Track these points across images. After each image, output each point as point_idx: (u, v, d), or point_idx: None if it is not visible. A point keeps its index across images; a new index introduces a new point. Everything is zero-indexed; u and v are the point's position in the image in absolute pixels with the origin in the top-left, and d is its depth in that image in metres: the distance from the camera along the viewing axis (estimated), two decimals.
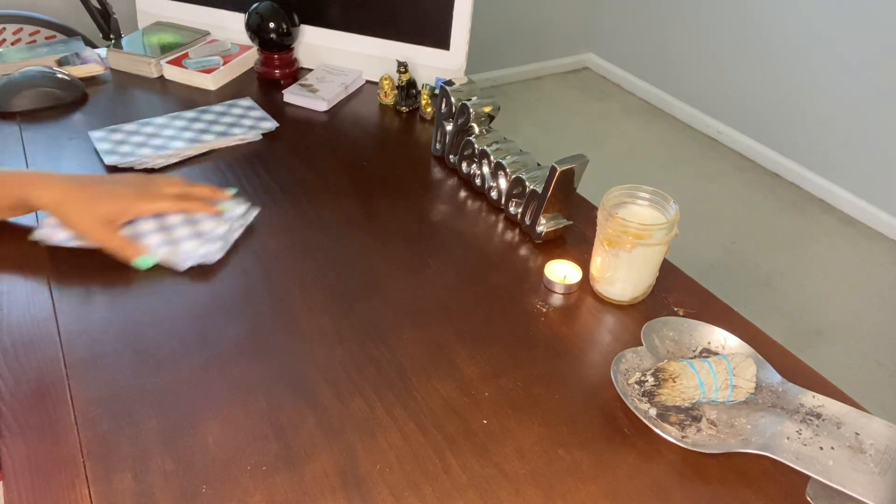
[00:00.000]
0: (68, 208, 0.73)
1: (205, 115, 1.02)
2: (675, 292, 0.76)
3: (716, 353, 0.67)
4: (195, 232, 0.77)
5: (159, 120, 1.00)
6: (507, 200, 0.85)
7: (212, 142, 0.95)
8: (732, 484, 0.57)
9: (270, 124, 1.01)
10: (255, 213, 0.83)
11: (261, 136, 0.99)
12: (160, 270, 0.74)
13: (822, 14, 2.28)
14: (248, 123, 1.00)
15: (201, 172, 0.91)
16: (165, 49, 1.16)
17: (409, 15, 1.10)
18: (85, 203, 0.73)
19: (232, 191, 0.84)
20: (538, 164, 0.85)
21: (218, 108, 1.04)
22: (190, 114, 1.02)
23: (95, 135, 0.95)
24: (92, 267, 0.74)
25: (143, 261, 0.74)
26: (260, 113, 1.03)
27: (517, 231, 0.85)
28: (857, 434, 0.59)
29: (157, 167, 0.90)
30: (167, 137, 0.96)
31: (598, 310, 0.74)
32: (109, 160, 0.90)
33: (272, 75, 1.14)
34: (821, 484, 0.56)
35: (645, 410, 0.61)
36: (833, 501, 0.55)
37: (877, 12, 2.13)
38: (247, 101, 1.06)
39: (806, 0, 2.31)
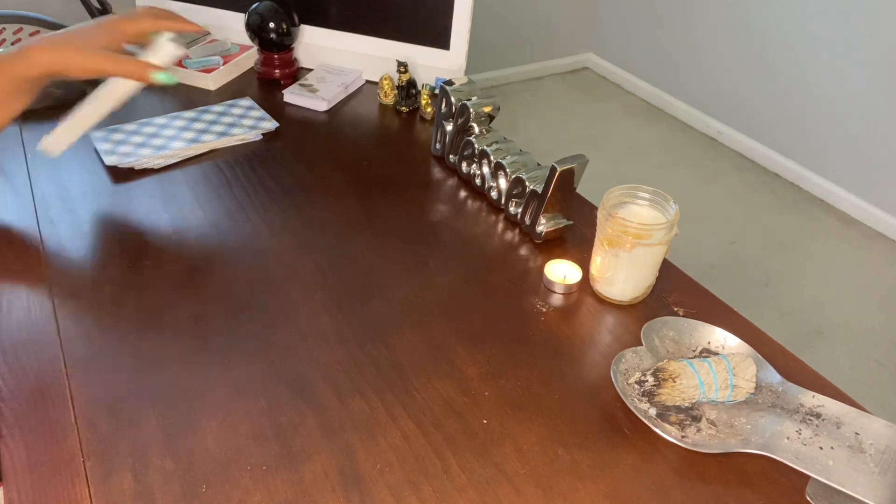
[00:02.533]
0: (68, 59, 0.72)
1: (205, 115, 1.02)
2: (675, 292, 0.76)
3: (716, 353, 0.67)
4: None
5: (159, 120, 1.00)
6: (507, 200, 0.85)
7: (212, 142, 0.95)
8: (732, 484, 0.57)
9: (270, 124, 1.01)
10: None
11: (261, 136, 0.99)
12: (161, 269, 0.74)
13: (821, 14, 2.28)
14: (248, 123, 1.00)
15: (201, 172, 0.91)
16: None
17: (409, 15, 1.10)
18: (78, 48, 0.73)
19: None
20: (538, 164, 0.85)
21: (218, 108, 1.04)
22: (190, 114, 1.02)
23: (95, 135, 0.95)
24: (93, 267, 0.74)
25: (165, 76, 0.75)
26: (260, 113, 1.03)
27: (517, 231, 0.85)
28: (856, 434, 0.59)
29: (156, 167, 0.90)
30: (167, 137, 0.96)
31: (598, 310, 0.74)
32: (109, 160, 0.90)
33: (272, 75, 1.14)
34: (820, 484, 0.56)
35: (645, 410, 0.61)
36: (833, 501, 0.55)
37: (876, 12, 2.13)
38: (247, 101, 1.06)
39: (806, 0, 2.31)
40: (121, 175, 0.89)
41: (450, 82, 0.91)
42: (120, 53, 0.75)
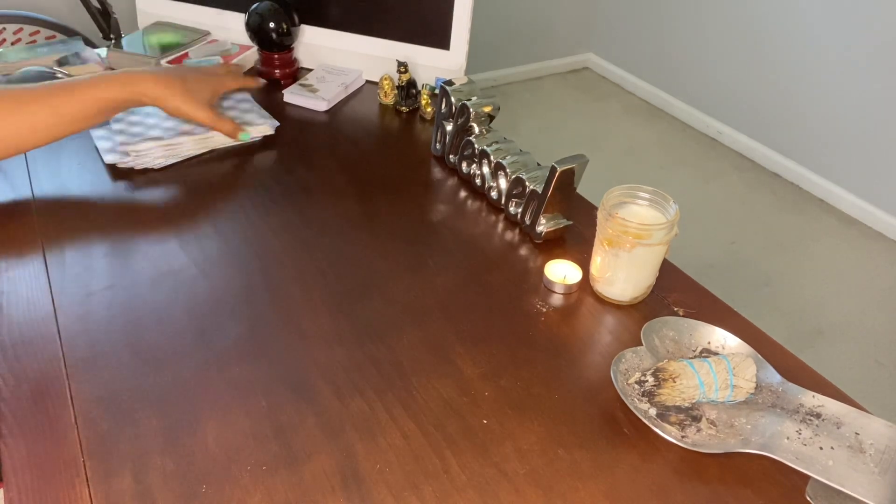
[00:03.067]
0: (175, 100, 0.86)
1: None
2: (675, 292, 0.76)
3: (716, 353, 0.67)
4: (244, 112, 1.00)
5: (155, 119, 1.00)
6: (507, 200, 0.85)
7: (215, 138, 0.95)
8: (732, 484, 0.57)
9: (270, 123, 1.00)
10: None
11: (273, 131, 1.00)
12: (161, 268, 0.74)
13: (822, 14, 2.28)
14: (255, 119, 1.00)
15: (201, 172, 0.91)
16: (165, 49, 1.16)
17: (409, 15, 1.10)
18: (186, 93, 0.86)
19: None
20: (538, 164, 0.85)
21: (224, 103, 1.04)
22: None
23: (97, 133, 0.95)
24: (93, 267, 0.74)
25: (245, 136, 0.94)
26: (258, 111, 1.03)
27: (517, 231, 0.85)
28: (856, 434, 0.59)
29: (157, 167, 0.90)
30: (167, 130, 0.95)
31: (598, 310, 0.74)
32: (109, 158, 0.90)
33: (272, 75, 1.13)
34: (820, 484, 0.56)
35: (645, 410, 0.61)
36: (833, 501, 0.55)
37: (876, 12, 2.13)
38: (242, 95, 1.05)
39: (806, 0, 2.31)
40: (121, 174, 0.89)
41: (450, 82, 0.91)
42: (215, 109, 0.92)
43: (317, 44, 1.17)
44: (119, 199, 0.85)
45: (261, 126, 0.98)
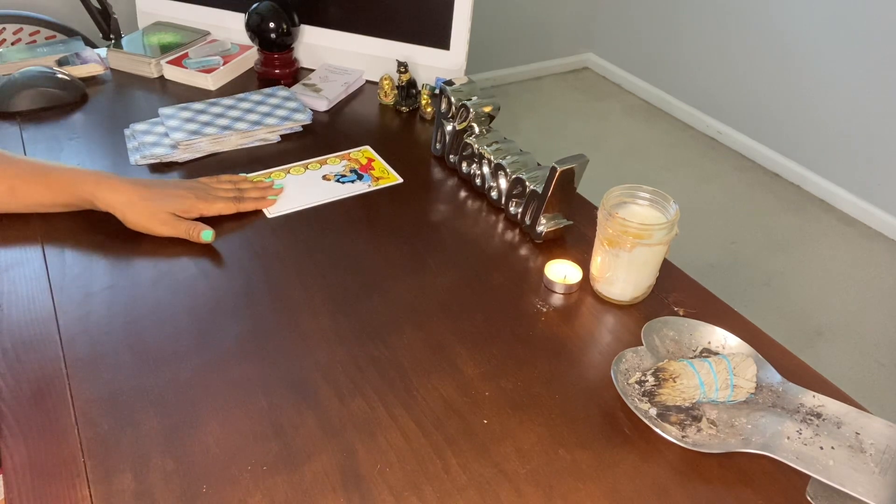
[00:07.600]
0: (132, 210, 0.77)
1: (242, 103, 1.03)
2: (675, 292, 0.76)
3: (716, 353, 0.67)
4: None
5: (197, 105, 1.01)
6: (507, 200, 0.85)
7: (246, 130, 0.97)
8: (732, 484, 0.57)
9: (304, 115, 1.01)
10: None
11: (301, 129, 1.01)
12: (160, 269, 0.74)
13: (821, 14, 2.28)
14: (282, 114, 1.01)
15: (202, 171, 0.91)
16: (165, 49, 1.16)
17: (409, 15, 1.10)
18: (148, 203, 0.78)
19: (279, 186, 0.89)
20: (538, 164, 0.85)
21: (256, 96, 1.05)
22: (228, 101, 1.03)
23: (134, 128, 0.97)
24: (93, 267, 0.74)
25: (206, 234, 0.79)
26: (295, 104, 1.04)
27: (517, 231, 0.85)
28: (857, 434, 0.59)
29: (181, 161, 0.91)
30: (220, 126, 0.97)
31: (598, 310, 0.74)
32: (134, 159, 0.91)
33: (272, 75, 1.14)
34: (821, 484, 0.56)
35: (645, 410, 0.61)
36: (833, 501, 0.55)
37: (876, 12, 2.13)
38: (285, 92, 1.07)
39: (806, 0, 2.31)
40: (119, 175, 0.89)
41: (450, 82, 0.91)
42: (179, 221, 0.79)
43: (317, 44, 1.17)
44: None
45: (301, 116, 1.00)
